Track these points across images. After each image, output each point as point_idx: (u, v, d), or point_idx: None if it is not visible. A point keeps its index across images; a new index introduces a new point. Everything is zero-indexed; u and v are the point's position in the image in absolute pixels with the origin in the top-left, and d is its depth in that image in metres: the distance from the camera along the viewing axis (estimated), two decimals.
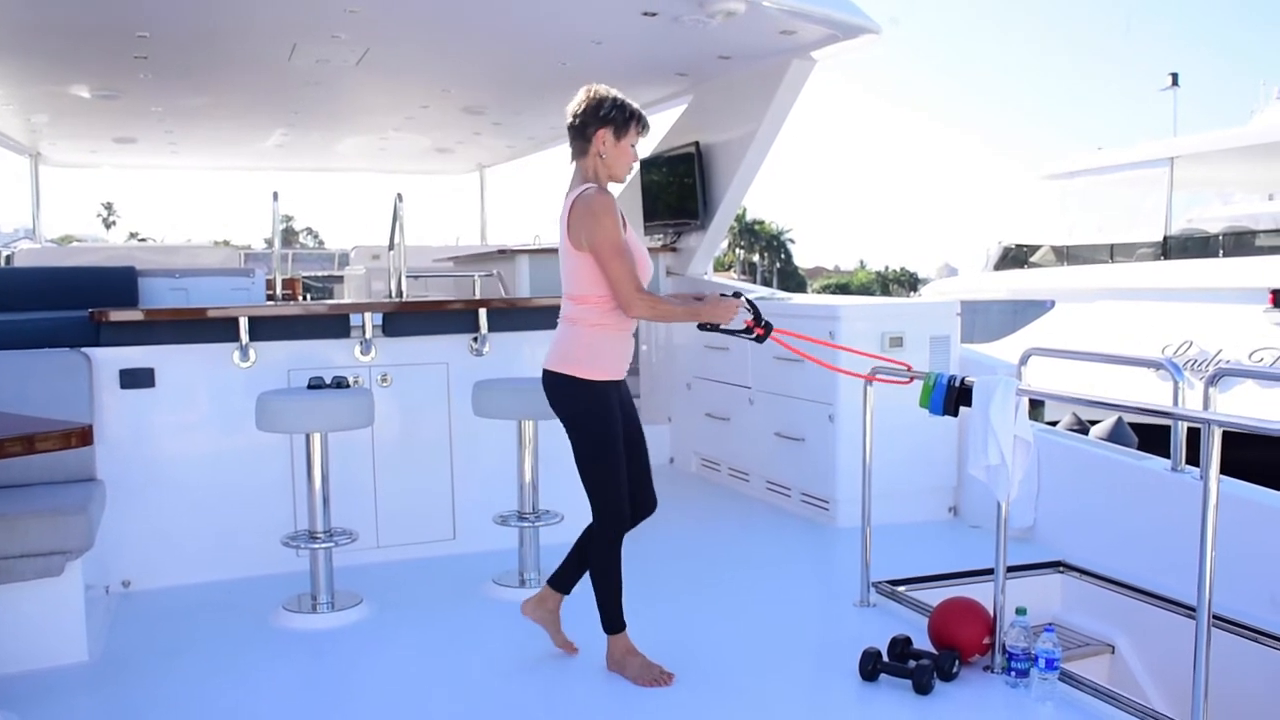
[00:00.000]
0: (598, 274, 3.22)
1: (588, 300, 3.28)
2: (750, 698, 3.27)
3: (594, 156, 3.28)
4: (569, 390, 3.30)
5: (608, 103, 3.27)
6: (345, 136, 12.31)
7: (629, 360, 3.41)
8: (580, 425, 3.31)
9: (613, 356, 3.33)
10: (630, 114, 3.29)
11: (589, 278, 3.25)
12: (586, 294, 3.27)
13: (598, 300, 3.27)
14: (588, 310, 3.28)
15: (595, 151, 3.28)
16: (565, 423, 3.35)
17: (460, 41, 7.22)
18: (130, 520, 4.33)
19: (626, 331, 3.36)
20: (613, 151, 3.29)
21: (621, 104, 3.28)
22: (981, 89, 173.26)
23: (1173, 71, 21.97)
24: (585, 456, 3.31)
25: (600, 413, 3.30)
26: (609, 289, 3.22)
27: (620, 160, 3.31)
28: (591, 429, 3.30)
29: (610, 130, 3.27)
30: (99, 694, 3.38)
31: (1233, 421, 2.74)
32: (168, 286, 6.57)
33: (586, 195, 3.23)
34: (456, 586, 4.39)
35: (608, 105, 3.26)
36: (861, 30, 6.66)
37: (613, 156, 3.29)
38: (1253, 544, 3.82)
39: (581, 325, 3.30)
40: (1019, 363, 4.80)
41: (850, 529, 4.06)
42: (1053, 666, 3.16)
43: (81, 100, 9.05)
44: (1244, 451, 4.46)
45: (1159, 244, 15.15)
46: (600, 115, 3.26)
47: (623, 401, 3.41)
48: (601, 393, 3.30)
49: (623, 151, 3.30)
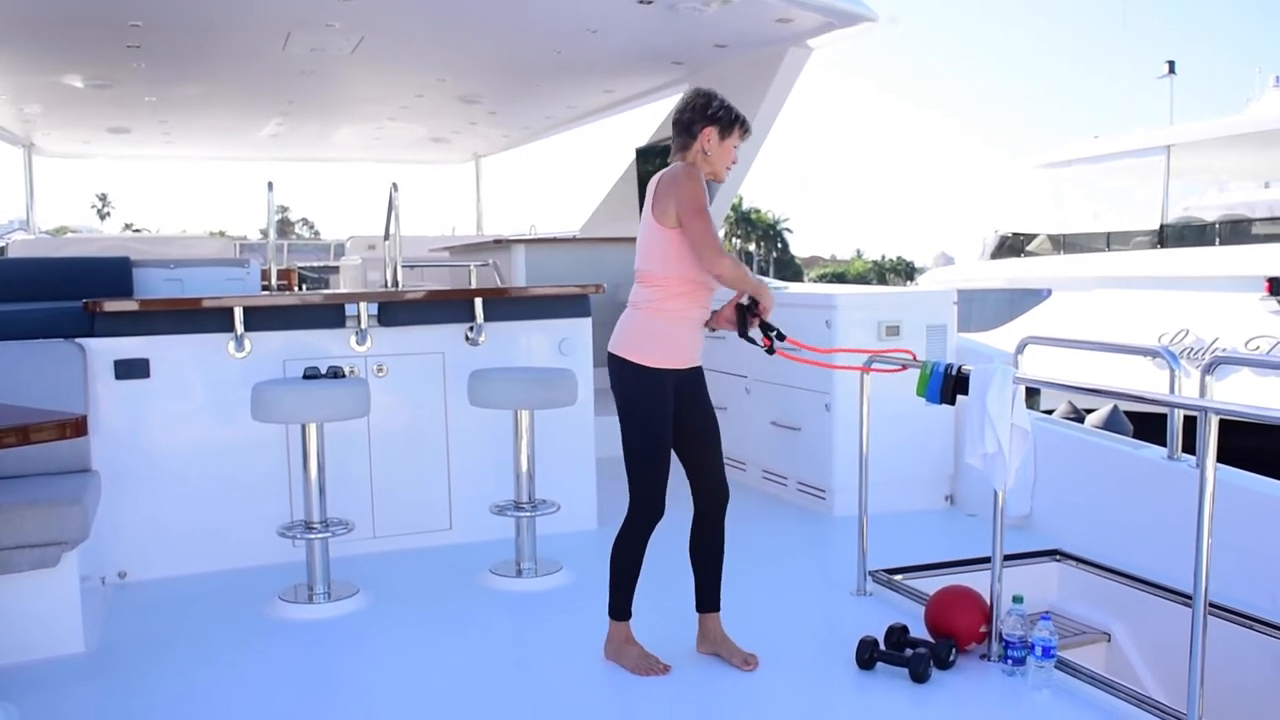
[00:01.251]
0: (674, 253, 3.23)
1: (655, 281, 3.28)
2: (747, 687, 3.27)
3: (698, 153, 3.34)
4: (621, 373, 3.31)
5: (715, 102, 3.35)
6: (340, 126, 12.29)
7: (694, 350, 3.37)
8: (627, 410, 3.31)
9: (672, 344, 3.31)
10: (736, 116, 3.37)
11: (663, 255, 3.25)
12: (655, 274, 3.28)
13: (664, 282, 3.26)
14: (653, 294, 3.29)
15: (700, 148, 3.34)
16: (616, 405, 3.36)
17: (455, 30, 7.19)
18: (126, 511, 4.32)
19: (690, 320, 3.32)
20: (717, 150, 3.34)
21: (729, 106, 3.37)
22: (977, 78, 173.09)
23: (1170, 60, 21.90)
24: (626, 442, 3.31)
25: (648, 400, 3.28)
26: (691, 252, 3.21)
27: (723, 158, 3.37)
28: (636, 415, 3.29)
29: (716, 129, 3.33)
30: (95, 684, 3.37)
31: (1229, 409, 2.74)
32: (162, 277, 6.56)
33: (675, 168, 3.29)
34: (453, 577, 4.39)
35: (716, 105, 3.34)
36: (858, 18, 6.64)
37: (716, 154, 3.35)
38: (1248, 532, 3.83)
39: (644, 309, 3.31)
40: (1016, 351, 4.80)
41: (847, 518, 4.06)
42: (1049, 655, 3.17)
43: (74, 90, 9.01)
44: (1239, 439, 4.47)
45: (1155, 232, 15.16)
46: (708, 114, 3.32)
47: (684, 394, 3.36)
48: (654, 380, 3.27)
49: (726, 151, 3.37)
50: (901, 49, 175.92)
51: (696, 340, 3.37)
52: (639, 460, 3.29)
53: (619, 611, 3.39)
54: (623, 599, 3.38)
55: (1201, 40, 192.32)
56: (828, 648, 3.56)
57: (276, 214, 7.67)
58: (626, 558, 3.35)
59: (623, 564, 3.35)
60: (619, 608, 3.38)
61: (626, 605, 3.38)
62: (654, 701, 3.20)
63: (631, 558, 3.35)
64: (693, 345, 3.37)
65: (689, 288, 3.28)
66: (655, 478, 3.29)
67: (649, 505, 3.30)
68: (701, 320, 3.36)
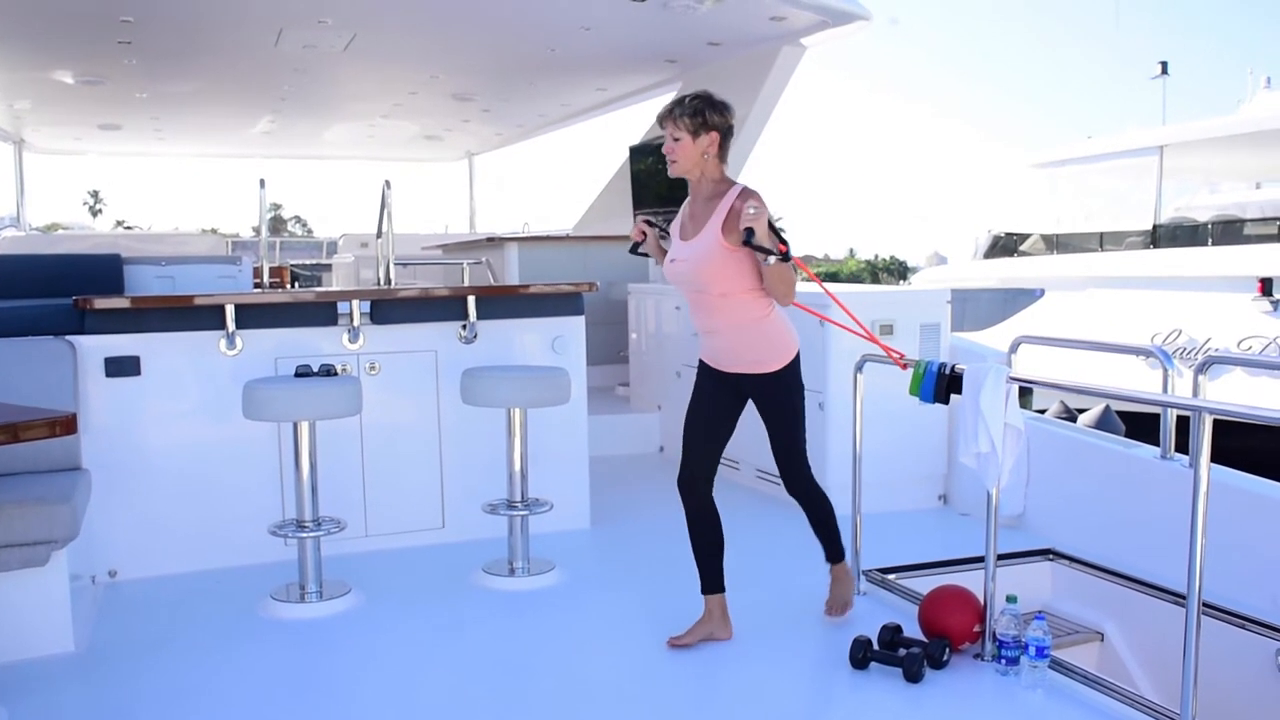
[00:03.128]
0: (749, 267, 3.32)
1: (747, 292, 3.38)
2: (741, 686, 3.26)
3: (699, 151, 3.37)
4: (794, 376, 3.52)
5: (730, 114, 3.41)
6: (333, 123, 12.26)
7: (710, 347, 3.58)
8: (801, 404, 3.57)
9: (702, 344, 3.62)
10: (730, 138, 3.43)
11: (747, 270, 3.35)
12: (748, 286, 3.36)
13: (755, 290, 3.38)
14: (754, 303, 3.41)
15: (701, 150, 3.37)
16: (795, 407, 3.56)
17: (448, 27, 7.17)
18: (116, 510, 4.30)
19: (701, 332, 3.57)
20: (713, 158, 3.40)
21: (732, 128, 3.44)
22: (970, 77, 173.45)
23: (1162, 60, 21.96)
24: (800, 435, 3.59)
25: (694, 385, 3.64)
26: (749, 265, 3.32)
27: (717, 168, 3.42)
28: (802, 404, 3.57)
29: (719, 139, 3.39)
30: (85, 684, 3.35)
31: (1223, 409, 2.74)
32: (154, 274, 6.52)
33: (750, 191, 3.31)
34: (446, 576, 4.37)
35: (729, 117, 3.41)
36: (852, 17, 6.64)
37: (711, 162, 3.40)
38: (1241, 531, 3.83)
39: (763, 319, 3.45)
40: (1009, 350, 4.80)
41: (840, 517, 4.04)
42: (1043, 654, 3.17)
43: (65, 86, 8.97)
44: (1232, 439, 4.47)
45: (1148, 232, 15.20)
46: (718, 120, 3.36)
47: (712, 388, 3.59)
48: (699, 369, 3.63)
49: (717, 165, 3.42)
50: (894, 47, 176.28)
51: (712, 345, 3.58)
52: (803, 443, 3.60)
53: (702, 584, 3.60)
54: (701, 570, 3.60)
55: (1194, 40, 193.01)
56: (821, 647, 3.56)
57: (269, 211, 7.63)
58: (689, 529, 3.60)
59: None
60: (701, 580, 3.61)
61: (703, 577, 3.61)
62: (647, 700, 3.19)
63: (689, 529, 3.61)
64: (710, 347, 3.60)
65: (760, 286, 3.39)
66: (683, 448, 3.61)
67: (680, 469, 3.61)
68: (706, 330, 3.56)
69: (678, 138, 3.37)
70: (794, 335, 3.49)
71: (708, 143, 3.36)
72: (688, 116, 3.35)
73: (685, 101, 3.38)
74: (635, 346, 7.71)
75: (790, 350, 3.46)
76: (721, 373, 3.55)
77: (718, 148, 3.39)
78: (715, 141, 3.37)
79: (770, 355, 3.44)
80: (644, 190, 8.96)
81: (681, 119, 3.35)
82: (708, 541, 3.57)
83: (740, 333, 3.43)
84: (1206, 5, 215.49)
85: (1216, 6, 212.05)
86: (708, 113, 3.36)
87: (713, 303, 3.41)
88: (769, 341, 3.44)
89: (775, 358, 3.44)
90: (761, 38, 7.06)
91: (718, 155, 3.40)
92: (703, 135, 3.35)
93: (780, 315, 3.46)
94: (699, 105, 3.36)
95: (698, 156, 3.37)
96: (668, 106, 3.40)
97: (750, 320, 3.40)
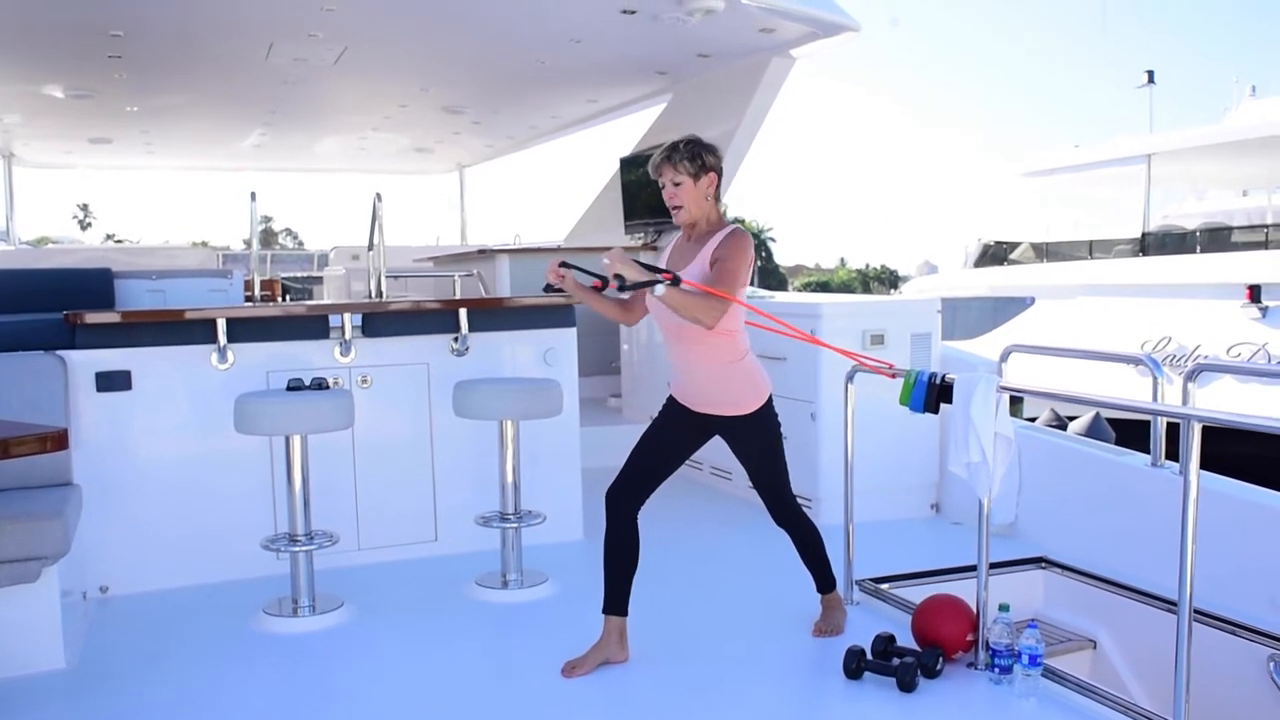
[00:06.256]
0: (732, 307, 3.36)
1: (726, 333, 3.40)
2: (734, 697, 3.26)
3: (701, 193, 3.40)
4: (768, 417, 3.57)
5: (721, 156, 3.47)
6: (324, 136, 12.26)
7: (682, 385, 3.60)
8: (779, 442, 3.63)
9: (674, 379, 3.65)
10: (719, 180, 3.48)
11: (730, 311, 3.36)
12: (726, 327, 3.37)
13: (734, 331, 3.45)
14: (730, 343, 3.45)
15: (703, 192, 3.41)
16: (771, 445, 3.62)
17: (439, 40, 7.19)
18: (108, 525, 4.28)
19: (675, 368, 3.60)
20: (712, 201, 3.44)
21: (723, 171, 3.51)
22: (959, 85, 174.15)
23: (1149, 69, 22.09)
24: (783, 468, 3.65)
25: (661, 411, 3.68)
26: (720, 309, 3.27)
27: (715, 209, 3.46)
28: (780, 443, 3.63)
29: (717, 180, 3.44)
30: (77, 701, 3.33)
31: (1212, 416, 2.76)
32: (144, 288, 6.52)
33: (740, 237, 3.37)
34: (438, 588, 4.36)
35: (721, 158, 3.47)
36: (841, 28, 6.67)
37: (711, 205, 3.45)
38: (1231, 538, 3.85)
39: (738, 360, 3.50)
40: (999, 359, 4.82)
41: (833, 526, 4.06)
42: (1036, 663, 3.17)
43: (55, 100, 8.96)
44: (1222, 446, 4.49)
45: (1137, 240, 15.27)
46: (714, 161, 3.41)
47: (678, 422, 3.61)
48: (668, 401, 3.67)
49: (714, 206, 3.47)
50: (884, 56, 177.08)
51: (681, 377, 3.61)
52: None
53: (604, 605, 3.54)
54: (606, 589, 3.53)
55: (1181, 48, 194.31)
56: (815, 657, 3.56)
57: (260, 224, 7.64)
58: None
59: None
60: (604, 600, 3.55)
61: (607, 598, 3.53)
62: (641, 712, 3.19)
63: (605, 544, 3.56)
64: (680, 380, 3.62)
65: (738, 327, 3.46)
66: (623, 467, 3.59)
67: None
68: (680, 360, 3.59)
69: (679, 182, 3.39)
70: (765, 379, 3.54)
71: (708, 183, 3.40)
72: (687, 160, 3.38)
73: (680, 147, 3.40)
74: (627, 358, 7.72)
75: (762, 394, 3.51)
76: (690, 411, 3.57)
77: (715, 188, 3.43)
78: (714, 182, 3.41)
79: (742, 398, 3.49)
80: (635, 201, 8.98)
81: (681, 163, 3.38)
82: (622, 561, 3.51)
83: (714, 374, 3.47)
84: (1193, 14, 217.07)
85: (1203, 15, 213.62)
86: (704, 155, 3.39)
87: (690, 340, 3.43)
88: (740, 385, 3.47)
89: (747, 400, 3.49)
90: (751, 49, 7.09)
91: (714, 196, 3.44)
92: (703, 177, 3.39)
93: (753, 360, 3.52)
94: (695, 149, 3.39)
95: (700, 198, 3.40)
96: (662, 153, 3.41)
97: (724, 362, 3.44)
